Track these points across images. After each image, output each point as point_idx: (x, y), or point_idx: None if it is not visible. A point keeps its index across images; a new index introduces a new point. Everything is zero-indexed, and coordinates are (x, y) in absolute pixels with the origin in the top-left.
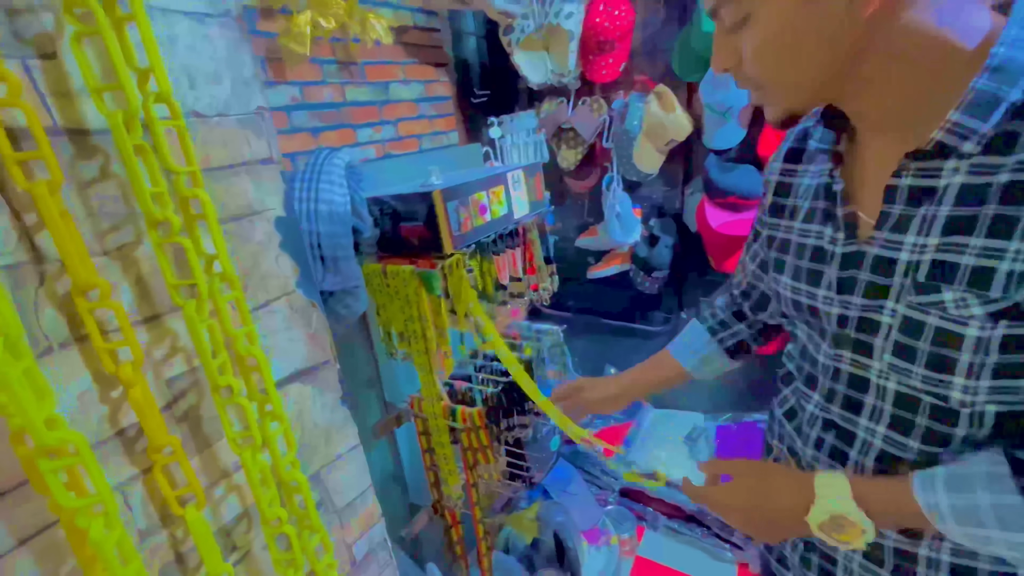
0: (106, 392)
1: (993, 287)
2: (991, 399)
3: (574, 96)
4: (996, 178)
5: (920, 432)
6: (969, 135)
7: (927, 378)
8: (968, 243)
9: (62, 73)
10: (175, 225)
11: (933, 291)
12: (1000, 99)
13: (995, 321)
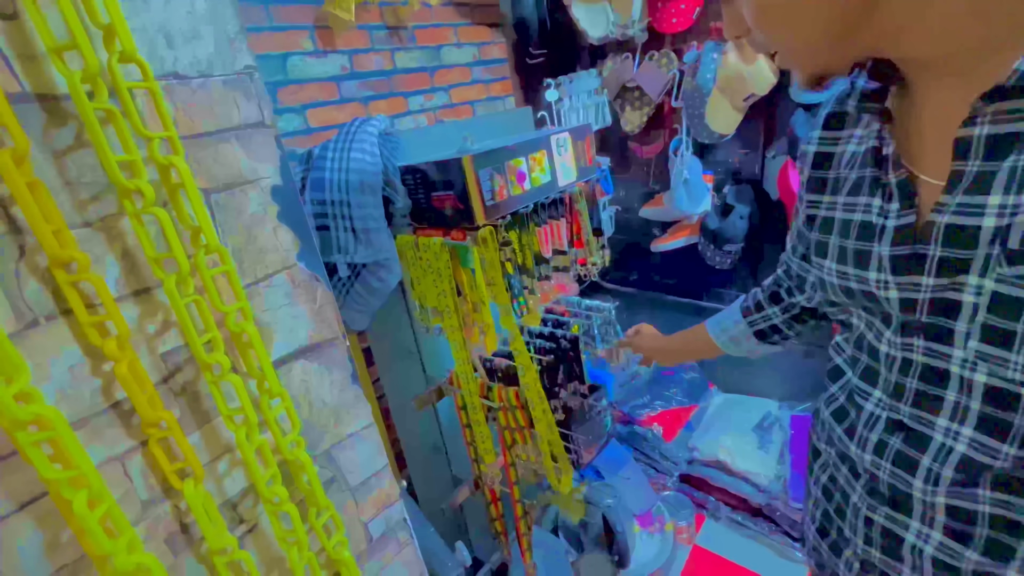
0: (97, 365)
1: None
2: None
3: (640, 50)
4: None
5: (1020, 436)
6: None
7: (1013, 364)
8: None
9: (25, 35)
10: (149, 195)
11: (1008, 265)
12: None
13: None
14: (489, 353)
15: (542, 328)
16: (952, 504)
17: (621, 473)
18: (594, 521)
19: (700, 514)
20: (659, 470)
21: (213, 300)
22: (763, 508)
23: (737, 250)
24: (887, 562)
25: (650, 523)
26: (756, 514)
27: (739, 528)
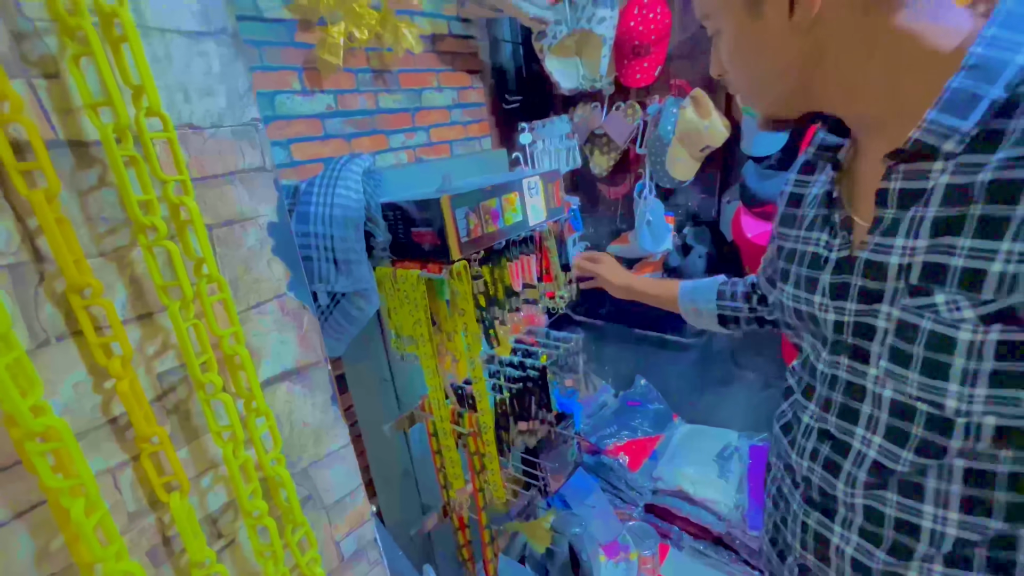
0: (99, 383)
1: (984, 289)
2: (989, 410)
3: (608, 101)
4: (980, 177)
5: (915, 444)
6: (950, 134)
7: (922, 385)
8: (957, 244)
9: (64, 90)
10: (161, 230)
11: (925, 294)
12: (979, 97)
13: (987, 325)
14: (460, 380)
15: (512, 357)
16: (867, 505)
17: (587, 502)
18: (560, 550)
19: (664, 544)
20: (625, 500)
21: (211, 325)
22: (723, 536)
23: None
24: (819, 565)
25: (615, 553)
26: (717, 543)
27: (701, 557)
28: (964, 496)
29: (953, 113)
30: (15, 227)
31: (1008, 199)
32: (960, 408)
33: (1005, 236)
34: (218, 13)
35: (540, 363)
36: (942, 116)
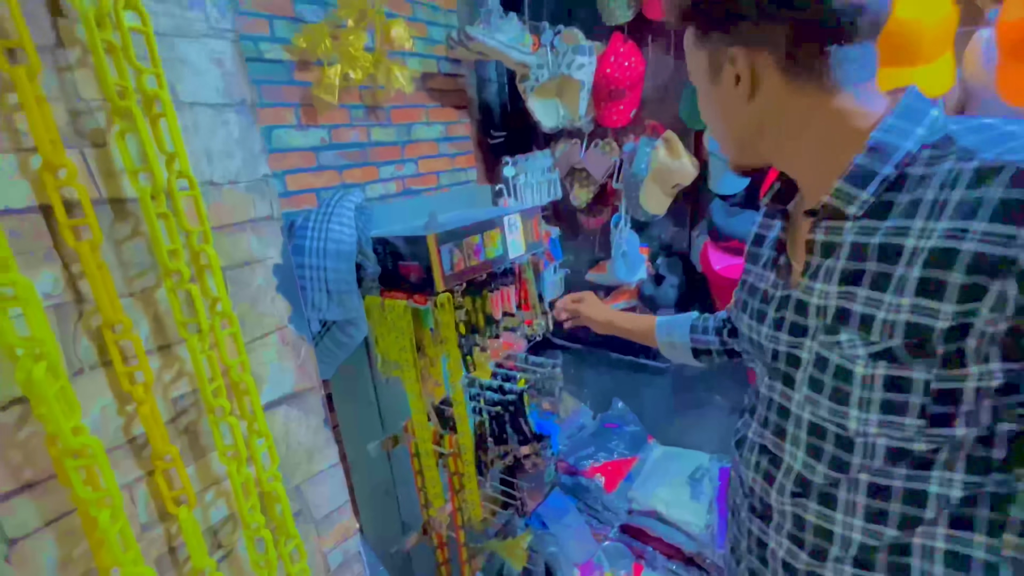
0: (123, 407)
1: (872, 332)
2: (881, 432)
3: (587, 138)
4: (873, 239)
5: (827, 458)
6: (852, 200)
7: (830, 409)
8: (858, 293)
9: (109, 157)
10: (185, 274)
11: (834, 332)
12: (875, 173)
13: (876, 361)
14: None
15: (492, 381)
16: (794, 512)
17: (563, 521)
18: (537, 569)
19: (638, 564)
20: (601, 520)
21: (222, 355)
22: (695, 556)
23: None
24: (760, 568)
25: (591, 572)
26: (689, 563)
27: None
28: (867, 506)
29: (855, 184)
30: (62, 273)
31: (891, 260)
32: (859, 430)
33: (888, 290)
34: (238, 88)
35: (518, 387)
36: (846, 185)
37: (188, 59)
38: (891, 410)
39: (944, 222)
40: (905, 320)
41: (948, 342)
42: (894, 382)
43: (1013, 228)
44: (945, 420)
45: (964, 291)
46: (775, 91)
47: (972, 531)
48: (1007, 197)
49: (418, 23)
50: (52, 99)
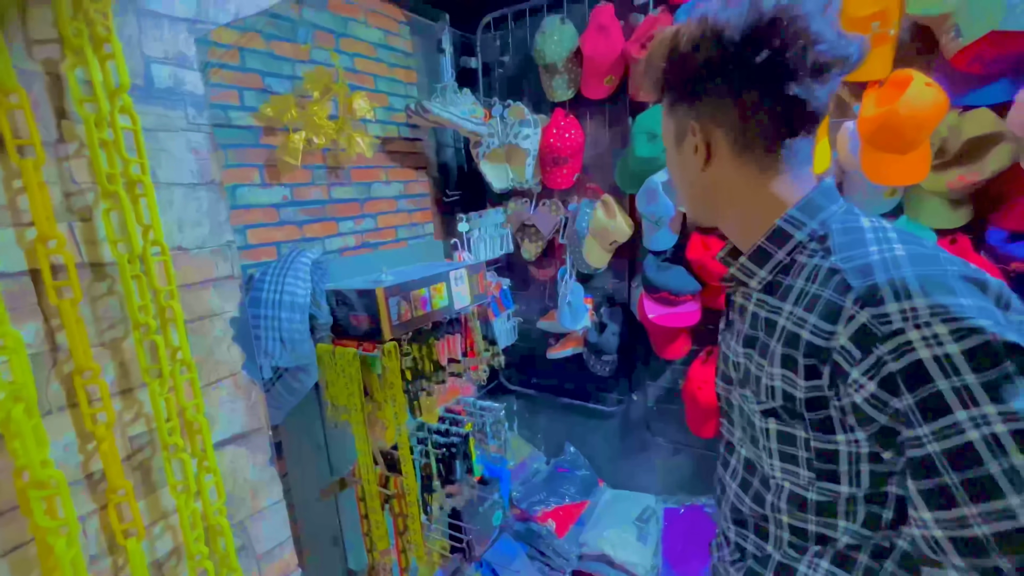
0: (84, 445)
1: (760, 392)
2: (783, 477)
3: (536, 197)
4: (763, 312)
5: (752, 492)
6: (753, 275)
7: (752, 451)
8: (753, 356)
9: (93, 229)
10: (152, 327)
11: (743, 386)
12: (771, 255)
13: (766, 417)
14: (388, 446)
15: (439, 425)
16: (735, 539)
17: (512, 567)
18: None
19: None
20: (552, 566)
21: (179, 398)
22: None
23: (612, 360)
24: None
25: None
26: None
27: None
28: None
29: (756, 262)
30: (42, 326)
31: (769, 334)
32: (770, 474)
33: (766, 359)
34: (209, 170)
35: (464, 430)
36: (748, 263)
37: (168, 148)
38: (787, 459)
39: (799, 309)
40: (778, 387)
41: (810, 410)
42: (783, 435)
43: (831, 326)
44: (831, 476)
45: (807, 369)
46: (725, 164)
47: (849, 570)
48: (831, 299)
49: (380, 94)
50: (49, 183)
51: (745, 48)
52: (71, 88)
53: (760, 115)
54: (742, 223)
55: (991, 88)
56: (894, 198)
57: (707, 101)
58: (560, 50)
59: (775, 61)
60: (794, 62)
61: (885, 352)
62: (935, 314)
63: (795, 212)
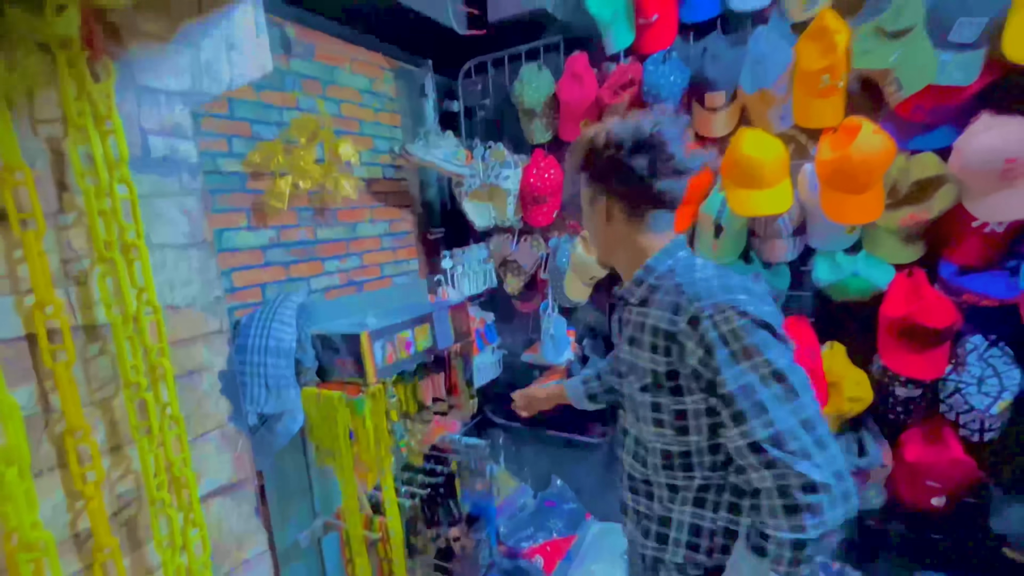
0: (72, 504)
1: (639, 375)
2: (656, 439)
3: (517, 234)
4: (638, 319)
5: (640, 460)
6: (633, 294)
7: (637, 426)
8: (634, 351)
9: (88, 293)
10: (143, 385)
11: (628, 376)
12: (644, 281)
13: (643, 392)
14: (371, 488)
15: (424, 465)
16: (633, 506)
17: None
18: None
19: None
20: None
21: (167, 453)
22: None
23: None
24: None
25: None
26: None
27: None
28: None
29: (634, 285)
30: (36, 389)
31: (642, 331)
32: (648, 439)
33: (642, 349)
34: (200, 230)
35: (449, 469)
36: (630, 285)
37: (162, 212)
38: (657, 424)
39: (659, 312)
40: (648, 367)
41: (668, 380)
42: (654, 405)
43: (677, 317)
44: (684, 430)
45: (664, 349)
46: (619, 224)
47: (704, 508)
48: (676, 301)
49: (365, 137)
50: (48, 251)
51: (631, 154)
52: (73, 163)
53: (638, 196)
54: (627, 262)
55: (934, 134)
56: (853, 234)
57: (607, 181)
58: (538, 96)
59: (648, 165)
60: (659, 167)
61: (704, 329)
62: (725, 305)
63: (659, 255)
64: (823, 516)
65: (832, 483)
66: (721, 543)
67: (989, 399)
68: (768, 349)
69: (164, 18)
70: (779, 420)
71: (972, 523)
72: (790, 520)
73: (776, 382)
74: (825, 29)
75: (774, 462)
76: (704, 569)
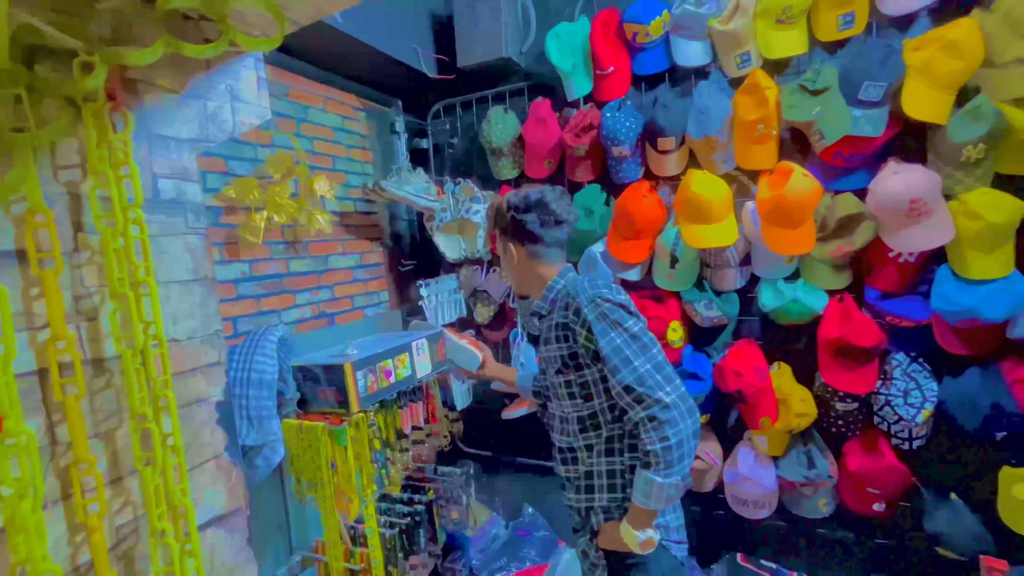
0: (73, 537)
1: (553, 363)
2: (571, 410)
3: (486, 265)
4: (546, 324)
5: (564, 431)
6: (541, 310)
7: (559, 405)
8: (548, 348)
9: (98, 328)
10: (148, 416)
11: (547, 369)
12: (548, 298)
13: (556, 375)
14: (352, 519)
15: (402, 494)
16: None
17: None
18: None
19: None
20: None
21: (168, 483)
22: None
23: None
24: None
25: None
26: None
27: None
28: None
29: (543, 302)
30: (44, 422)
31: (549, 332)
32: (566, 412)
33: (552, 344)
34: (203, 266)
35: (427, 498)
36: (539, 303)
37: (169, 250)
38: (570, 397)
39: (558, 312)
40: (557, 354)
41: (571, 360)
42: (566, 383)
43: (567, 313)
44: (589, 397)
45: (564, 337)
46: (523, 262)
47: (613, 456)
48: (566, 302)
49: (338, 173)
50: (62, 288)
51: (522, 213)
52: (92, 206)
53: (532, 241)
54: (536, 288)
55: (852, 177)
56: (792, 264)
57: (511, 234)
58: (504, 136)
59: (537, 220)
60: (543, 220)
61: (585, 314)
62: (595, 296)
63: (556, 279)
64: (678, 427)
65: (680, 403)
66: (630, 478)
67: (914, 409)
68: (625, 320)
69: (177, 73)
70: (639, 366)
71: (909, 526)
72: (658, 434)
73: (633, 341)
74: (757, 85)
75: (641, 396)
76: (623, 509)
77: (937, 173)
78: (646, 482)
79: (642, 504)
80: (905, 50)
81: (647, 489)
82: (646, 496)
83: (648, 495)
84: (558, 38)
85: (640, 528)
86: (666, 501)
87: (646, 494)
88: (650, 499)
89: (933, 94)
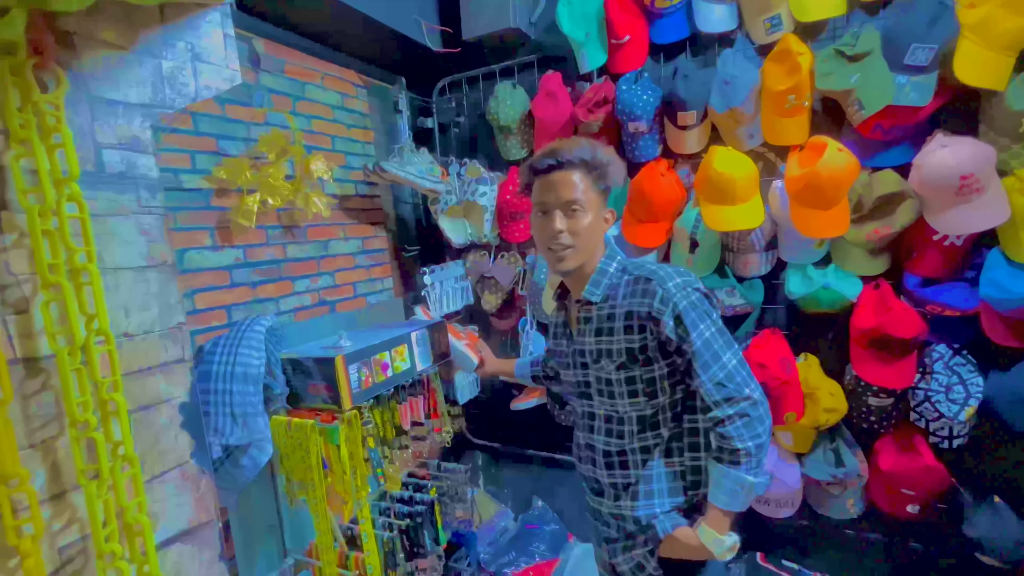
0: (4, 563)
1: (613, 356)
2: (631, 408)
3: (494, 250)
4: (604, 312)
5: (616, 434)
6: (592, 296)
7: (609, 404)
8: (603, 339)
9: (29, 321)
10: (92, 423)
11: (598, 361)
12: (601, 282)
13: (618, 371)
14: (347, 520)
15: (402, 493)
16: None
17: None
18: None
19: None
20: None
21: (119, 498)
22: None
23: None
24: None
25: None
26: None
27: None
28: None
29: (595, 287)
30: None
31: (611, 321)
32: (623, 412)
33: (613, 335)
34: (160, 250)
35: (429, 496)
36: (589, 289)
37: (118, 232)
38: (632, 395)
39: (625, 301)
40: (623, 347)
41: (641, 354)
42: (629, 379)
43: (645, 300)
44: (654, 394)
45: (639, 327)
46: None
47: (672, 457)
48: (643, 288)
49: (337, 153)
50: None
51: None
52: (15, 179)
53: None
54: (591, 264)
55: (893, 151)
56: (823, 248)
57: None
58: (513, 114)
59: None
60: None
61: (673, 303)
62: (684, 283)
63: (604, 260)
64: (766, 424)
65: (764, 401)
66: (691, 479)
67: (957, 406)
68: (712, 312)
69: (123, 26)
70: (728, 361)
71: (947, 530)
72: (749, 431)
73: (720, 335)
74: (788, 52)
75: (731, 393)
76: (689, 515)
77: (991, 146)
78: (736, 482)
79: (726, 506)
80: (959, 7)
81: (735, 489)
82: (732, 496)
83: (735, 495)
84: (570, 5)
85: (724, 532)
86: (749, 502)
87: (733, 494)
88: (737, 500)
89: (990, 56)
